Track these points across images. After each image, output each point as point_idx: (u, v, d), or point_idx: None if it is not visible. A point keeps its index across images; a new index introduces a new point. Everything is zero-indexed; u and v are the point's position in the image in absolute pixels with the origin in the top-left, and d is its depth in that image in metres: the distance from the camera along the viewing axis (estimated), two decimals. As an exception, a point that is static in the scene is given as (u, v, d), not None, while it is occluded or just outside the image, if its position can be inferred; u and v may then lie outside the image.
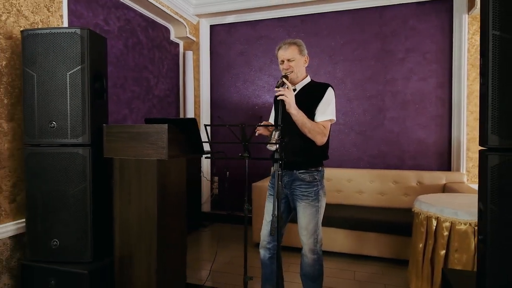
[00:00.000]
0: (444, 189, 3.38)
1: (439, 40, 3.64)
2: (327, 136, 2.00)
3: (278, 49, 2.06)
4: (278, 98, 1.84)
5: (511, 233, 1.28)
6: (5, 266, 2.04)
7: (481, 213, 1.42)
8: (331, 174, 3.76)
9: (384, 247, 3.03)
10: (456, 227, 2.15)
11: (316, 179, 2.01)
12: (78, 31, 1.89)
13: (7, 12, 2.02)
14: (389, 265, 2.95)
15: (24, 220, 2.08)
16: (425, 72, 3.69)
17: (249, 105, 4.34)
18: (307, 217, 2.01)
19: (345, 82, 3.95)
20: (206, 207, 4.45)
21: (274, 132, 1.72)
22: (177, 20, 4.06)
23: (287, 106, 1.86)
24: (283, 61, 2.03)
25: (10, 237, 2.06)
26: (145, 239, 1.89)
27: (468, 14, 3.49)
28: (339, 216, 3.19)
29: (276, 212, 1.70)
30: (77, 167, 1.93)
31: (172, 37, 4.29)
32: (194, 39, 4.44)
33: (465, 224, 2.12)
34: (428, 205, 2.33)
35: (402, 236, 2.93)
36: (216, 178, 4.53)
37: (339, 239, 3.15)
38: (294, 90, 2.06)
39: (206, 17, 4.41)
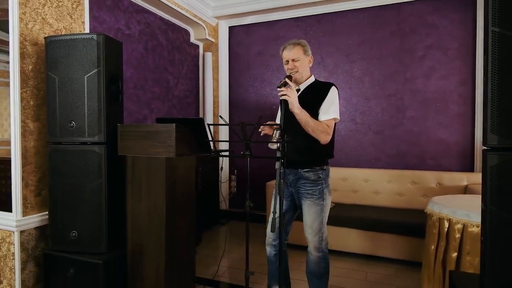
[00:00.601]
0: (466, 190, 3.26)
1: (461, 36, 3.51)
2: (331, 134, 2.00)
3: (283, 50, 2.10)
4: (280, 98, 1.88)
5: (510, 233, 1.25)
6: (31, 255, 2.21)
7: (482, 213, 1.39)
8: (347, 174, 3.73)
9: (399, 249, 2.98)
10: (469, 229, 2.09)
11: (320, 177, 2.02)
12: (94, 36, 2.02)
13: (33, 21, 2.19)
14: (403, 267, 2.89)
15: (47, 212, 2.25)
16: (447, 69, 3.57)
17: (267, 105, 4.38)
18: (312, 215, 2.03)
19: (363, 81, 3.90)
20: (224, 205, 4.54)
21: (275, 131, 1.76)
22: (196, 22, 4.18)
23: (290, 106, 1.90)
24: (288, 61, 2.06)
25: (35, 228, 2.23)
26: (154, 234, 1.99)
27: (492, 8, 3.33)
28: (353, 216, 3.17)
29: (276, 210, 1.74)
30: (94, 164, 2.06)
31: (192, 39, 4.42)
32: (213, 40, 4.54)
33: (477, 226, 2.05)
34: (441, 206, 2.28)
35: (417, 237, 2.87)
36: (234, 177, 4.61)
37: (353, 240, 3.13)
38: (298, 90, 2.09)
39: (225, 19, 4.50)
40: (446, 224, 2.20)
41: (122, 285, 2.11)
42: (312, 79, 2.14)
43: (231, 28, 4.60)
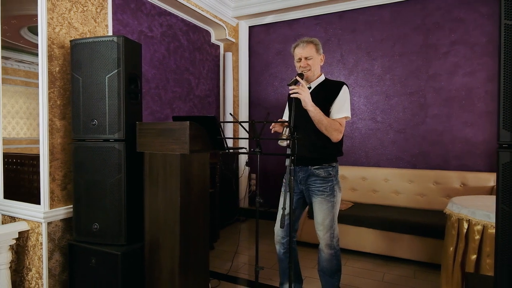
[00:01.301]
0: (492, 191, 3.12)
1: (489, 31, 3.36)
2: (343, 132, 2.00)
3: (295, 47, 2.10)
4: (292, 96, 1.89)
5: (521, 234, 1.20)
6: (57, 245, 2.36)
7: (496, 214, 1.34)
8: (367, 173, 3.68)
9: (418, 250, 2.90)
10: (489, 230, 2.02)
11: (331, 174, 2.02)
12: (114, 38, 2.13)
13: (60, 25, 2.33)
14: (422, 269, 2.82)
15: (72, 205, 2.39)
16: (473, 65, 3.43)
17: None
18: (323, 212, 2.03)
19: (384, 79, 3.82)
20: (243, 202, 4.59)
21: (285, 129, 1.78)
22: (217, 23, 4.26)
23: (303, 104, 1.91)
24: (300, 59, 2.07)
25: (61, 220, 2.37)
26: (169, 227, 2.06)
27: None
28: (372, 216, 3.12)
29: (286, 206, 1.76)
30: (114, 160, 2.16)
31: (213, 40, 4.50)
32: (234, 40, 4.61)
33: (497, 227, 1.97)
34: (460, 207, 2.21)
35: (437, 239, 2.78)
36: (253, 176, 4.65)
37: (371, 240, 3.08)
38: (309, 88, 2.09)
39: (245, 19, 4.56)
40: (465, 225, 2.13)
41: (139, 276, 2.21)
42: (322, 77, 2.14)
43: (251, 28, 4.65)
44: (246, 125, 4.45)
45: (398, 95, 3.76)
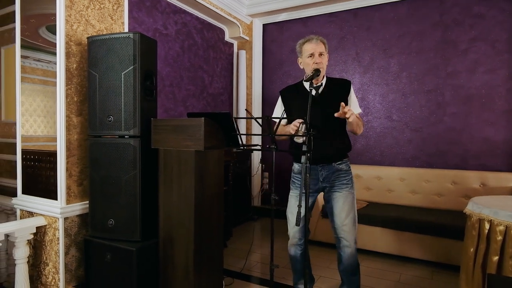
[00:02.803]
0: (513, 192, 3.03)
1: (511, 27, 3.25)
2: None
3: (305, 42, 2.07)
4: (348, 117, 1.82)
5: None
6: (73, 240, 2.38)
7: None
8: (382, 172, 3.61)
9: (435, 251, 2.83)
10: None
11: (349, 167, 2.09)
12: (131, 35, 2.14)
13: (78, 22, 2.36)
14: (440, 270, 2.76)
15: (88, 201, 2.41)
16: (494, 63, 3.33)
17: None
18: (348, 204, 2.04)
19: (400, 77, 3.75)
20: (256, 201, 4.58)
21: (300, 125, 1.75)
22: (231, 21, 4.25)
23: (351, 119, 1.84)
24: (312, 54, 2.03)
25: (77, 216, 2.40)
26: (184, 223, 2.06)
27: (547, -5, 3.07)
28: (388, 216, 3.06)
29: (302, 204, 1.73)
30: (129, 156, 2.17)
31: (227, 38, 4.50)
32: (247, 38, 4.59)
33: (521, 228, 1.90)
34: (481, 207, 2.14)
35: (455, 240, 2.71)
36: (266, 174, 4.63)
37: (386, 240, 3.03)
38: (321, 85, 2.07)
39: (259, 17, 4.54)
40: (487, 226, 2.07)
41: (154, 272, 2.21)
42: (325, 76, 2.13)
43: (265, 26, 4.63)
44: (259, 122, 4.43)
45: (415, 93, 3.69)
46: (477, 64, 3.40)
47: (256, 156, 4.52)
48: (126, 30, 2.74)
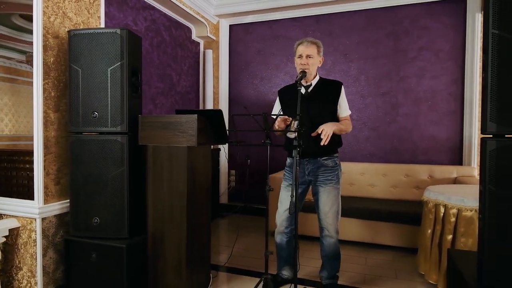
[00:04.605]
0: (455, 182, 3.49)
1: (452, 39, 3.74)
2: None
3: (299, 44, 2.24)
4: (322, 138, 1.99)
5: (507, 208, 1.43)
6: (51, 242, 2.29)
7: (480, 195, 1.57)
8: (344, 168, 3.90)
9: (396, 236, 3.18)
10: (463, 213, 2.29)
11: (336, 163, 2.23)
12: (118, 31, 2.12)
13: (55, 14, 2.27)
14: (400, 253, 3.10)
15: (67, 200, 2.33)
16: (438, 70, 3.80)
17: (266, 102, 4.53)
18: (332, 198, 2.21)
19: (359, 80, 4.10)
20: (223, 198, 4.66)
21: (293, 122, 1.91)
22: (199, 20, 4.29)
23: (329, 132, 2.01)
24: (301, 56, 2.20)
25: (55, 216, 2.30)
26: (176, 218, 2.10)
27: (481, 13, 3.58)
28: (353, 207, 3.34)
29: (294, 194, 1.88)
30: (116, 153, 2.15)
31: (194, 37, 4.52)
32: (214, 38, 4.66)
33: (471, 210, 2.26)
34: (437, 194, 2.48)
35: (411, 225, 3.07)
36: (233, 172, 4.73)
37: (352, 229, 3.31)
38: (310, 85, 2.25)
39: (226, 17, 4.62)
40: (442, 210, 2.40)
41: (142, 268, 2.22)
42: (318, 77, 2.32)
43: (231, 27, 4.72)
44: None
45: (372, 95, 4.06)
46: (424, 71, 3.85)
47: (223, 154, 4.60)
48: (102, 24, 2.67)
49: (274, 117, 1.96)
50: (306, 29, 4.34)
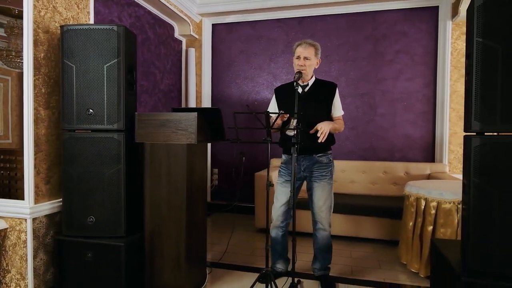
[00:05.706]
0: (429, 178, 3.73)
1: (426, 44, 4.00)
2: None
3: (298, 45, 2.33)
4: (320, 136, 2.09)
5: (489, 199, 1.60)
6: (41, 242, 2.22)
7: (464, 187, 1.73)
8: (326, 165, 4.06)
9: (378, 230, 3.36)
10: (442, 205, 2.48)
11: (330, 160, 2.34)
12: (115, 27, 2.10)
13: (45, 8, 2.20)
14: (383, 245, 3.28)
15: (57, 200, 2.28)
16: (413, 72, 4.04)
17: (249, 101, 4.59)
18: (326, 193, 2.31)
19: (340, 81, 4.26)
20: (206, 197, 4.67)
21: (292, 120, 1.99)
22: (182, 18, 4.27)
23: (326, 131, 2.12)
24: (299, 57, 2.29)
25: (45, 216, 2.23)
26: (175, 215, 2.12)
27: (452, 21, 3.86)
28: (337, 202, 3.46)
29: (293, 188, 1.97)
30: (112, 151, 2.13)
31: (176, 35, 4.49)
32: (197, 36, 4.65)
33: (449, 203, 2.45)
34: (418, 188, 2.66)
35: (392, 219, 3.26)
36: (216, 170, 4.76)
37: (337, 223, 3.45)
38: (306, 85, 2.34)
39: (209, 16, 4.63)
40: (423, 203, 2.59)
41: (140, 266, 2.21)
42: (314, 77, 2.41)
43: (214, 26, 4.74)
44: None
45: (351, 96, 4.24)
46: (400, 73, 4.08)
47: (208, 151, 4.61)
48: (91, 20, 2.62)
49: (275, 115, 2.03)
50: (289, 31, 4.45)
